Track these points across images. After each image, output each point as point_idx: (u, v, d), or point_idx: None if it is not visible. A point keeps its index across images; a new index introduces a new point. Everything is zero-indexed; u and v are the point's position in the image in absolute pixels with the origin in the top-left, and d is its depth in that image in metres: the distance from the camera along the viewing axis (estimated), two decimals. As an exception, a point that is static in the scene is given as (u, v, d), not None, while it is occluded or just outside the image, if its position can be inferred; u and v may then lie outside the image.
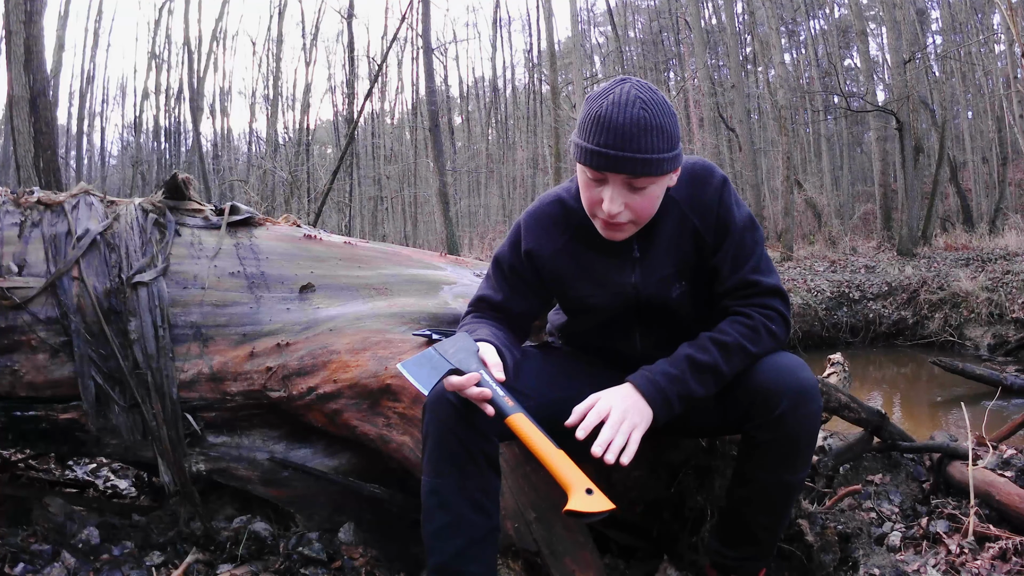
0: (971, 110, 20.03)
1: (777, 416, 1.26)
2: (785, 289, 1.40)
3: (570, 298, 1.50)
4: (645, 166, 1.21)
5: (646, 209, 1.30)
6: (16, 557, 1.73)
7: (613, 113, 1.20)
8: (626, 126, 1.20)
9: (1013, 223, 13.36)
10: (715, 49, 22.74)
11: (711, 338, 1.33)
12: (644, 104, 1.21)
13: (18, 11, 5.36)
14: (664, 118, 1.22)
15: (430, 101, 11.78)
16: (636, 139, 1.20)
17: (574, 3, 17.03)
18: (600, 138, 1.22)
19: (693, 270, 1.42)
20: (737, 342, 1.31)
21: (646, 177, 1.23)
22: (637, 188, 1.25)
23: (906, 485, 2.48)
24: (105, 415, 1.84)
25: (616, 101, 1.21)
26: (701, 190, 1.38)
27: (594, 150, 1.23)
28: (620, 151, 1.20)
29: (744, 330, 1.33)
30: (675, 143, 1.25)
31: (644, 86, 1.24)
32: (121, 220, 2.01)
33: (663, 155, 1.22)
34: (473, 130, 29.45)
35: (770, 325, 1.34)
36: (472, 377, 1.22)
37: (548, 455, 1.17)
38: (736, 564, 1.46)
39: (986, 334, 7.74)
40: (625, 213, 1.28)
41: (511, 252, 1.50)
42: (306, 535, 1.86)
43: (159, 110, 23.62)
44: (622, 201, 1.26)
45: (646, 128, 1.20)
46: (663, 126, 1.21)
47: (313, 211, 10.73)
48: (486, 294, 1.52)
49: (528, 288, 1.50)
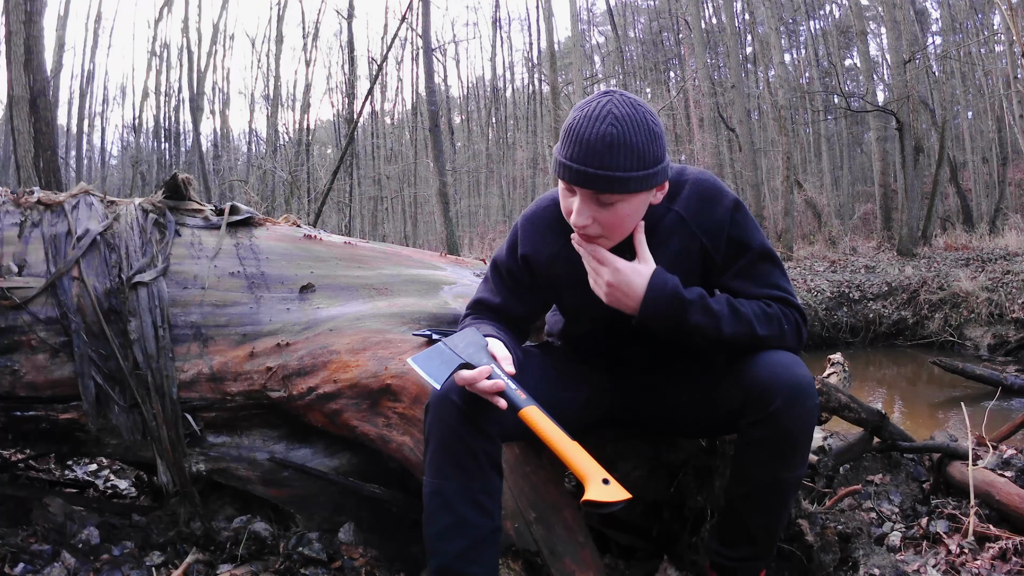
0: (971, 110, 20.04)
1: (772, 412, 1.26)
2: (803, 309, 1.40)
3: (566, 303, 1.50)
4: (608, 183, 1.19)
5: (615, 225, 1.28)
6: (16, 557, 1.73)
7: (584, 127, 1.19)
8: (592, 141, 1.18)
9: (1013, 223, 13.37)
10: (715, 49, 22.73)
11: (728, 299, 1.32)
12: (615, 120, 1.18)
13: (18, 11, 5.36)
14: (636, 136, 1.19)
15: (430, 101, 11.78)
16: (600, 156, 1.18)
17: (574, 3, 17.03)
18: (569, 151, 1.21)
19: (697, 285, 1.40)
20: (748, 316, 1.31)
21: (611, 194, 1.22)
22: (604, 203, 1.24)
23: (906, 485, 2.48)
24: (105, 415, 1.84)
25: (590, 115, 1.20)
26: (711, 209, 1.37)
27: (561, 162, 1.23)
28: (584, 166, 1.19)
29: (759, 311, 1.32)
30: (648, 162, 1.21)
31: (626, 101, 1.21)
32: (121, 220, 2.01)
33: (630, 173, 1.19)
34: (473, 130, 29.46)
35: (784, 323, 1.34)
36: (484, 370, 1.22)
37: (563, 447, 1.17)
38: (735, 564, 1.45)
39: (986, 334, 7.74)
40: (594, 227, 1.27)
41: (508, 255, 1.50)
42: (306, 535, 1.86)
43: (159, 110, 23.63)
44: (589, 214, 1.25)
45: (611, 145, 1.18)
46: (632, 144, 1.18)
47: (313, 211, 10.73)
48: (484, 297, 1.52)
49: (525, 291, 1.50)
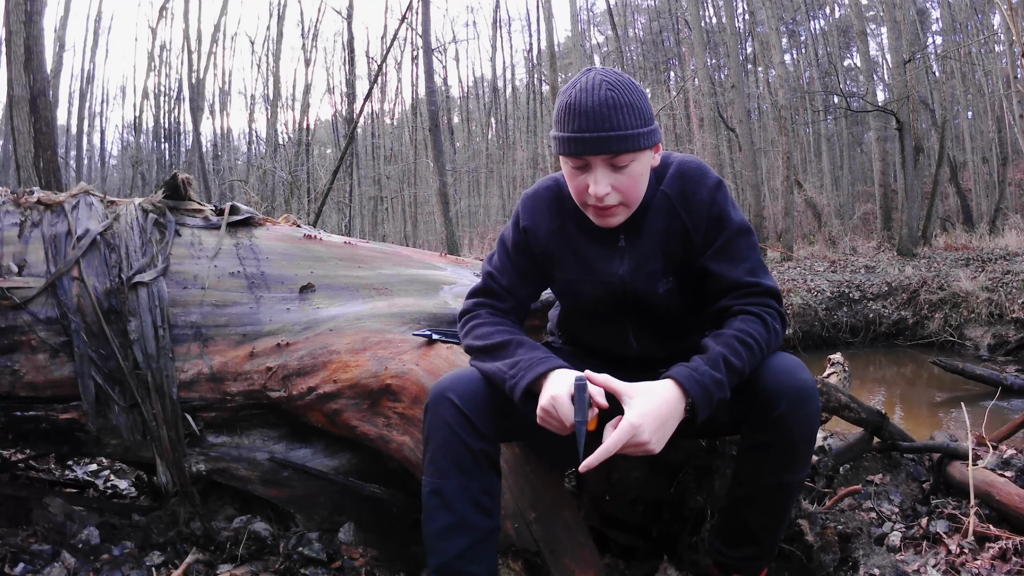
0: (971, 110, 20.03)
1: (777, 417, 1.27)
2: (779, 289, 1.41)
3: (559, 280, 1.51)
4: (621, 142, 1.24)
5: (632, 189, 1.31)
6: (16, 557, 1.73)
7: (582, 99, 1.25)
8: (597, 107, 1.23)
9: (1013, 223, 13.37)
10: (715, 49, 22.73)
11: (738, 339, 1.29)
12: (611, 85, 1.25)
13: (18, 11, 5.36)
14: (632, 95, 1.25)
15: (430, 101, 11.77)
16: (608, 118, 1.23)
17: (574, 3, 17.03)
18: (574, 124, 1.25)
19: (680, 267, 1.42)
20: (758, 344, 1.30)
21: (626, 154, 1.26)
22: (619, 167, 1.28)
23: (906, 485, 2.47)
24: (105, 415, 1.84)
25: (584, 88, 1.26)
26: (694, 189, 1.39)
27: (571, 137, 1.26)
28: (596, 132, 1.24)
29: (762, 331, 1.32)
30: (648, 119, 1.28)
31: (609, 71, 1.28)
32: (121, 220, 2.01)
33: (638, 130, 1.25)
34: (473, 130, 29.45)
35: (775, 325, 1.35)
36: None
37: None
38: (737, 564, 1.46)
39: (986, 334, 7.74)
40: (613, 195, 1.30)
41: (514, 229, 1.52)
42: (306, 535, 1.86)
43: (159, 110, 23.64)
44: (607, 183, 1.28)
45: (615, 106, 1.24)
46: (633, 103, 1.25)
47: (313, 211, 10.72)
48: (493, 273, 1.52)
49: (530, 267, 1.51)
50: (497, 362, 1.35)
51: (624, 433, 1.18)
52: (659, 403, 1.22)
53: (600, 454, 1.18)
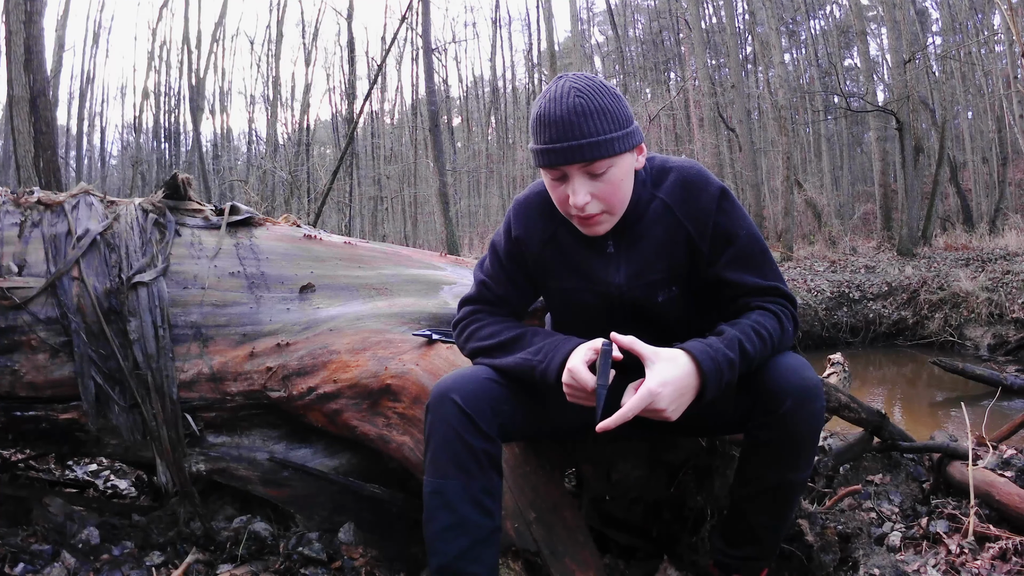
0: (971, 110, 20.03)
1: (781, 415, 1.26)
2: (794, 297, 1.40)
3: (553, 290, 1.49)
4: (594, 149, 1.23)
5: (613, 195, 1.29)
6: (16, 557, 1.73)
7: (551, 108, 1.23)
8: (567, 116, 1.22)
9: (1013, 223, 13.38)
10: (715, 49, 22.74)
11: (753, 328, 1.29)
12: (579, 92, 1.23)
13: (18, 11, 5.36)
14: (603, 100, 1.23)
15: (430, 101, 11.78)
16: (579, 126, 1.22)
17: (574, 3, 17.04)
18: (546, 135, 1.24)
19: (686, 277, 1.41)
20: (771, 338, 1.30)
21: (601, 160, 1.24)
22: (597, 175, 1.26)
23: (906, 485, 2.47)
24: (105, 415, 1.84)
25: (552, 97, 1.24)
26: (696, 197, 1.37)
27: (543, 148, 1.25)
28: (566, 142, 1.22)
29: (776, 327, 1.32)
30: (623, 122, 1.25)
31: (580, 77, 1.26)
32: (121, 220, 2.01)
33: (610, 135, 1.23)
34: (473, 130, 29.45)
35: (788, 325, 1.34)
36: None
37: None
38: (738, 564, 1.46)
39: (986, 334, 7.74)
40: (594, 203, 1.28)
41: (505, 238, 1.50)
42: (306, 535, 1.86)
43: (159, 110, 23.65)
44: (586, 191, 1.27)
45: (585, 113, 1.22)
46: (604, 107, 1.23)
47: (313, 211, 10.72)
48: (487, 281, 1.51)
49: (522, 276, 1.50)
50: (518, 354, 1.35)
51: (642, 400, 1.18)
52: (680, 373, 1.21)
53: (618, 418, 1.18)
